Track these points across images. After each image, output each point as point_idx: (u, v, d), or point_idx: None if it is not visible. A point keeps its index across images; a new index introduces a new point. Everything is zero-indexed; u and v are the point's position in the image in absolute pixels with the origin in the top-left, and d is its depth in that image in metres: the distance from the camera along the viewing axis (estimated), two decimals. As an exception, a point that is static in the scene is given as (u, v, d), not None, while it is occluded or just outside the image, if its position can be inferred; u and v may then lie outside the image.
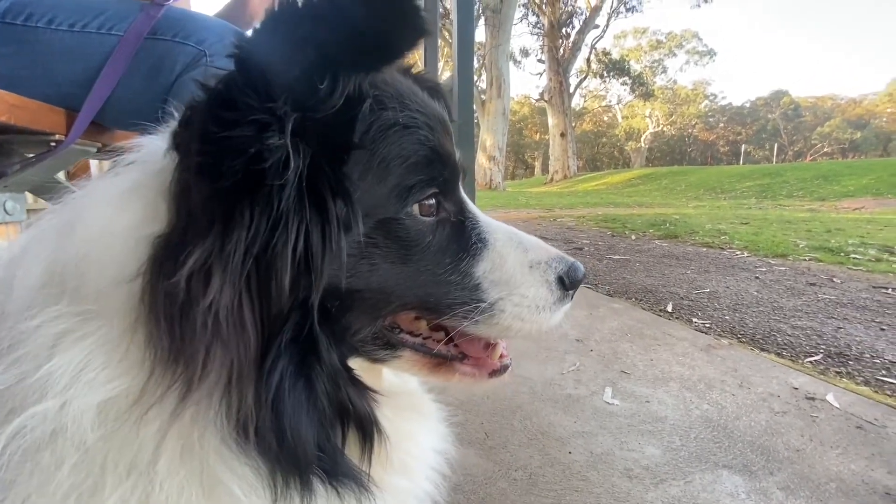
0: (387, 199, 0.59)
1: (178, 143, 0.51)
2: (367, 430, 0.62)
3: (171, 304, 0.48)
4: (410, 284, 0.63)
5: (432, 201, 0.64)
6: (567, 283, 0.71)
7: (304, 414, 0.54)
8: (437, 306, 0.66)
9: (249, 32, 0.48)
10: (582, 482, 1.46)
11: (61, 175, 1.62)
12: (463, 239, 0.68)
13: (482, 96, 22.13)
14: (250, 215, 0.48)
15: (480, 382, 0.73)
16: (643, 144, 50.24)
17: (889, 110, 49.02)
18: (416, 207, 0.62)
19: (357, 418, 0.61)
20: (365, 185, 0.58)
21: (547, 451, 1.61)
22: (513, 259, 0.69)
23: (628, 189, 21.91)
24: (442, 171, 0.64)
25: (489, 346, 0.74)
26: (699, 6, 26.01)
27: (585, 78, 36.75)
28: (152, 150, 0.60)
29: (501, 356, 0.75)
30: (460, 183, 0.71)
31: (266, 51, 0.46)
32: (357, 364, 0.66)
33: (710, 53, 44.10)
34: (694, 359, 2.44)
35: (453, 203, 0.67)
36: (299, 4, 0.45)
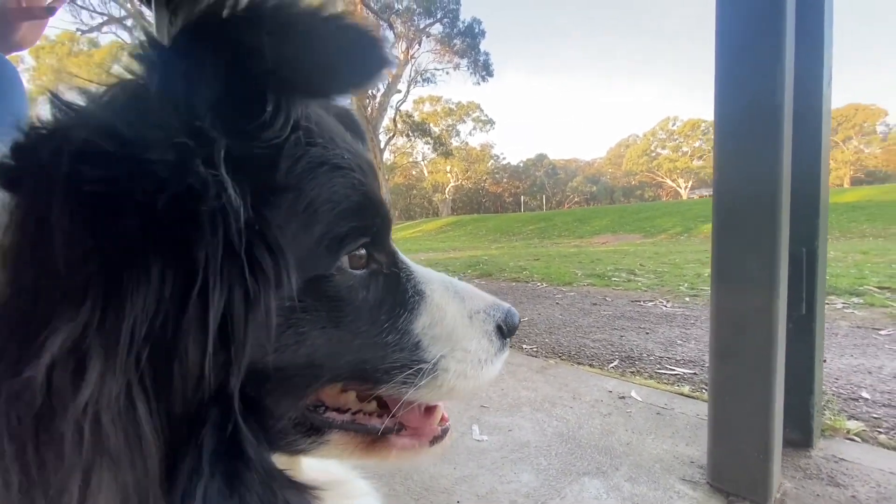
0: (315, 251, 0.48)
1: (23, 172, 0.34)
2: None
3: (19, 414, 0.31)
4: (343, 352, 0.53)
5: (363, 252, 0.55)
6: (505, 331, 0.66)
7: None
8: (372, 374, 0.56)
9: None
10: (475, 530, 1.43)
11: None
12: (399, 292, 0.60)
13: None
14: (160, 274, 0.34)
15: (420, 453, 0.64)
16: (448, 196, 56.57)
17: (610, 171, 67.14)
18: (346, 260, 0.52)
19: None
20: (289, 234, 0.46)
21: (436, 508, 1.54)
22: (452, 310, 0.63)
23: (441, 235, 24.02)
24: (374, 219, 0.55)
25: (428, 410, 0.66)
26: (479, 84, 31.42)
27: (393, 136, 39.72)
28: None
29: (442, 419, 0.68)
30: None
31: (195, 57, 0.35)
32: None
33: (491, 122, 53.28)
34: (534, 381, 2.73)
35: (385, 253, 0.59)
36: (250, 8, 0.35)
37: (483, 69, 31.08)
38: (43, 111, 0.37)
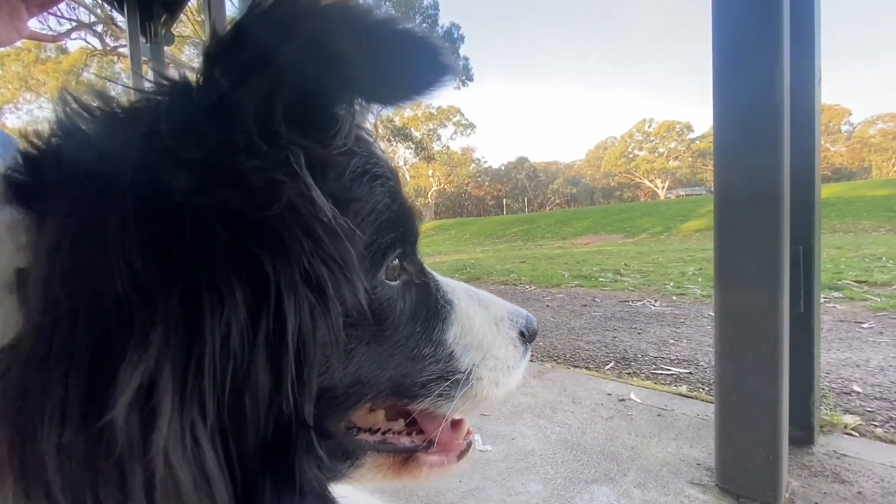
0: (361, 264, 0.46)
1: (46, 187, 0.29)
2: None
3: (86, 464, 0.26)
4: (385, 367, 0.51)
5: (396, 262, 0.53)
6: (527, 336, 0.67)
7: None
8: (410, 389, 0.54)
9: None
10: (487, 546, 1.39)
11: None
12: (430, 302, 0.58)
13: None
14: (234, 294, 0.30)
15: (448, 469, 0.63)
16: (430, 200, 56.59)
17: (590, 172, 68.21)
18: (384, 271, 0.51)
19: None
20: None
21: (445, 525, 1.48)
22: (480, 318, 0.62)
23: (426, 240, 23.96)
24: (410, 228, 0.54)
25: (455, 424, 0.64)
26: (459, 88, 31.58)
27: (374, 141, 39.60)
28: None
29: (467, 433, 0.66)
30: None
31: (276, 57, 0.31)
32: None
33: (472, 126, 53.63)
34: (533, 387, 2.70)
35: (413, 262, 0.57)
36: (324, 9, 0.32)
37: (462, 74, 31.28)
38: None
